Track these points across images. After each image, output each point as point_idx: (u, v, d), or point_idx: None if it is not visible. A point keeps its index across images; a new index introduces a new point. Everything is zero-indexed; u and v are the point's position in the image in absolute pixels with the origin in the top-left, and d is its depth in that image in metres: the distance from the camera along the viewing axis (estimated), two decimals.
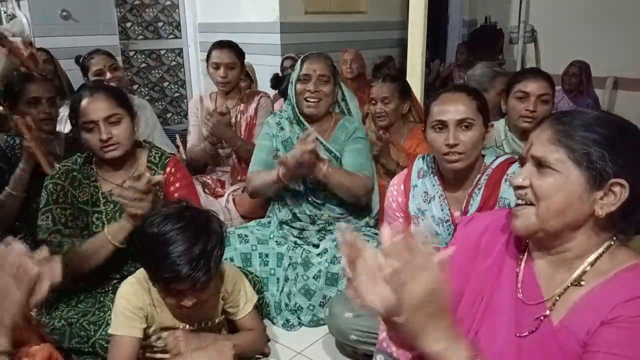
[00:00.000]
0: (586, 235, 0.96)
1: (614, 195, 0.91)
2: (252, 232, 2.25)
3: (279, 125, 2.28)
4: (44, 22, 4.12)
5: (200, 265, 1.33)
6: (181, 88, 5.60)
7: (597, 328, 0.89)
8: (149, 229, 1.37)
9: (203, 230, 1.38)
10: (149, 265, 1.40)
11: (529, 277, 1.03)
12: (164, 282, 1.37)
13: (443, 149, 1.58)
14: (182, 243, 1.33)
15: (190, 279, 1.32)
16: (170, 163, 1.89)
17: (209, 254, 1.36)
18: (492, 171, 1.64)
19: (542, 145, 0.96)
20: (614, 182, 0.91)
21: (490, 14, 6.14)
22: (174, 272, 1.31)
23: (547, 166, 0.95)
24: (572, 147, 0.93)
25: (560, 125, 0.96)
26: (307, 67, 2.17)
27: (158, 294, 1.48)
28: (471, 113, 1.58)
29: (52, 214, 1.71)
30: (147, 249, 1.38)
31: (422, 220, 1.71)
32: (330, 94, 2.20)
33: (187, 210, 1.42)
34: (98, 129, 1.70)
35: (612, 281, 0.93)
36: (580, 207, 0.93)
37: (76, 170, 1.79)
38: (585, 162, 0.92)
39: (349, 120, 2.27)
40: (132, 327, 1.47)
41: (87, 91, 1.75)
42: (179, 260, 1.31)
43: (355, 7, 5.22)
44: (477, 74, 2.86)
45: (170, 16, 5.35)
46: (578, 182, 0.92)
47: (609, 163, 0.91)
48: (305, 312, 2.10)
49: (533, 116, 2.10)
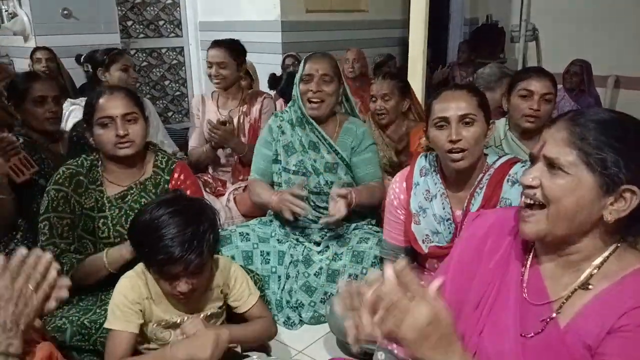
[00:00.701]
0: (594, 239, 0.95)
1: (624, 201, 0.90)
2: (254, 231, 2.26)
3: (280, 129, 2.26)
4: (45, 20, 4.13)
5: (193, 246, 1.35)
6: (182, 86, 5.60)
7: (605, 335, 0.88)
8: (142, 216, 1.41)
9: (195, 215, 1.41)
10: (143, 250, 1.42)
11: (535, 278, 1.02)
12: (157, 265, 1.39)
13: (446, 145, 1.57)
14: (174, 226, 1.35)
15: (183, 260, 1.34)
16: (177, 168, 1.89)
17: (201, 237, 1.38)
18: (494, 171, 1.63)
19: (556, 146, 0.94)
20: (626, 188, 0.89)
21: (492, 12, 6.14)
22: (167, 253, 1.34)
23: (559, 168, 0.93)
24: (586, 150, 0.91)
25: (576, 127, 0.93)
26: (309, 67, 2.17)
27: (155, 285, 1.49)
28: (472, 109, 1.58)
29: (50, 222, 1.72)
30: (140, 234, 1.41)
31: (423, 218, 1.71)
32: (334, 94, 2.18)
33: (180, 199, 1.46)
34: (115, 125, 1.72)
35: (619, 285, 0.92)
36: (590, 212, 0.92)
37: (82, 175, 1.78)
38: (599, 168, 0.90)
39: (355, 123, 2.26)
40: (128, 322, 1.47)
41: (106, 89, 1.79)
42: (171, 242, 1.34)
43: (356, 5, 5.21)
44: (486, 72, 2.86)
45: (171, 14, 5.35)
46: (590, 187, 0.91)
47: (622, 169, 0.89)
48: (307, 308, 2.10)
49: (537, 115, 2.09)
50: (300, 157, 2.21)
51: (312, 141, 2.21)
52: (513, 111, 2.17)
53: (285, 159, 2.23)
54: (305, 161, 2.20)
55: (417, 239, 1.72)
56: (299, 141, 2.21)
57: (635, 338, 0.85)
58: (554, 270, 1.01)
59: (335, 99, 2.20)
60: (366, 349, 1.76)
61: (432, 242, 1.70)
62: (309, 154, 2.21)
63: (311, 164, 2.20)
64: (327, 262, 2.13)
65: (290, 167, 2.22)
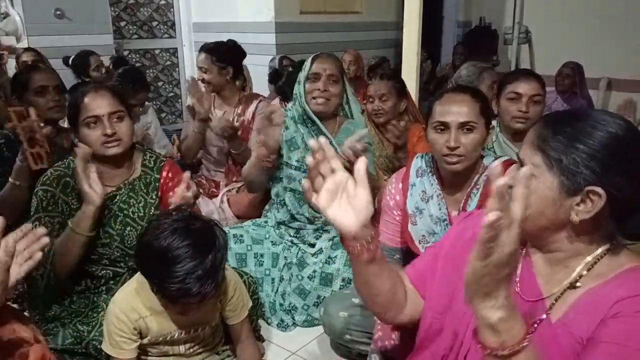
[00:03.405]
0: (568, 238, 0.96)
1: (590, 202, 0.90)
2: (248, 232, 2.25)
3: (284, 124, 2.27)
4: (37, 21, 4.10)
5: (209, 281, 1.32)
6: (176, 88, 5.58)
7: (598, 325, 0.88)
8: (155, 242, 1.33)
9: (210, 245, 1.35)
10: (154, 279, 1.36)
11: (527, 273, 1.03)
12: (170, 297, 1.35)
13: (443, 150, 1.57)
14: (190, 261, 1.30)
15: (200, 295, 1.31)
16: (166, 167, 1.87)
17: (217, 269, 1.35)
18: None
19: (526, 149, 0.97)
20: (590, 190, 0.89)
21: (485, 14, 6.16)
22: (183, 290, 1.30)
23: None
24: (547, 152, 0.93)
25: (542, 129, 0.95)
26: (317, 66, 2.16)
27: (153, 299, 1.46)
28: (474, 116, 1.56)
29: (41, 223, 1.69)
30: (153, 264, 1.34)
31: (420, 219, 1.71)
32: (339, 95, 2.19)
33: (193, 222, 1.37)
34: (102, 124, 1.69)
35: (611, 282, 0.92)
36: (556, 212, 0.93)
37: (68, 176, 1.75)
38: (557, 168, 0.91)
39: (353, 124, 2.27)
40: (125, 350, 1.46)
41: (90, 88, 1.74)
42: (188, 278, 1.29)
43: (350, 7, 5.22)
44: (463, 74, 2.88)
45: (164, 15, 5.33)
46: (551, 188, 0.92)
47: (581, 168, 0.89)
48: (300, 312, 2.10)
49: (526, 117, 2.10)
50: (302, 153, 2.21)
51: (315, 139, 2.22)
52: (503, 114, 2.19)
53: (287, 154, 2.23)
54: (307, 157, 2.20)
55: (413, 240, 1.72)
56: (301, 138, 2.22)
57: (630, 322, 0.85)
58: (546, 268, 1.01)
59: (339, 99, 2.21)
60: (360, 351, 1.77)
61: (428, 242, 1.70)
62: (310, 151, 2.21)
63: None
64: (321, 266, 2.13)
65: (292, 162, 2.22)
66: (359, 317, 1.72)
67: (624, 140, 0.90)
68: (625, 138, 0.90)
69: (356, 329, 1.73)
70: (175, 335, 1.51)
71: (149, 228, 1.38)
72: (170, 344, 1.54)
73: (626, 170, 0.89)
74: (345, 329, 1.74)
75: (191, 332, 1.55)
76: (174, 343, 1.55)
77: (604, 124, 0.91)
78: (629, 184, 0.89)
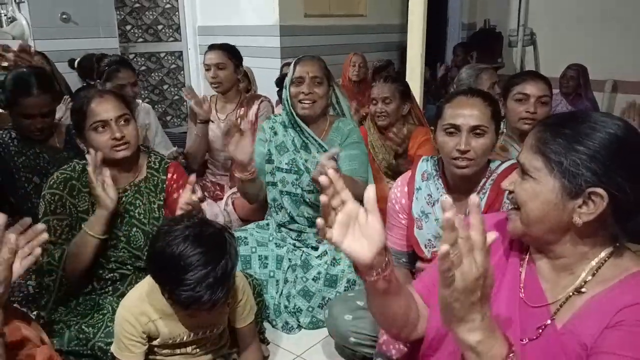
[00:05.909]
0: (571, 242, 0.96)
1: (592, 204, 0.90)
2: (252, 235, 2.25)
3: (272, 130, 2.27)
4: (43, 24, 4.12)
5: (220, 289, 1.32)
6: (181, 91, 5.59)
7: (602, 332, 0.88)
8: (167, 249, 1.32)
9: (222, 253, 1.35)
10: (165, 284, 1.36)
11: (532, 279, 1.03)
12: (181, 303, 1.35)
13: (453, 153, 1.55)
14: (202, 269, 1.30)
15: (210, 302, 1.32)
16: (171, 168, 1.89)
17: (228, 277, 1.35)
18: (497, 176, 1.62)
19: (526, 152, 0.97)
20: (592, 191, 0.89)
21: (490, 17, 6.15)
22: (193, 297, 1.30)
23: (527, 173, 0.96)
24: (547, 155, 0.93)
25: (542, 133, 0.96)
26: (300, 69, 2.17)
27: (162, 302, 1.46)
28: (485, 120, 1.55)
29: (49, 225, 1.70)
30: (165, 271, 1.34)
31: (425, 223, 1.71)
32: (324, 96, 2.20)
33: (204, 229, 1.37)
34: (110, 129, 1.70)
35: (616, 288, 0.92)
36: (559, 215, 0.93)
37: (75, 179, 1.77)
38: (558, 171, 0.91)
39: (344, 122, 2.27)
40: (134, 354, 1.47)
41: (94, 93, 1.76)
42: (199, 287, 1.29)
43: (354, 10, 5.23)
44: (462, 77, 2.88)
45: (170, 19, 5.35)
46: (553, 191, 0.92)
47: (582, 170, 0.89)
48: (305, 314, 2.10)
49: (534, 118, 2.10)
50: (292, 155, 2.21)
51: (304, 142, 2.22)
52: (510, 115, 2.18)
53: (277, 158, 2.24)
54: (297, 160, 2.21)
55: (419, 244, 1.71)
56: (290, 141, 2.22)
57: (632, 332, 0.85)
58: (550, 273, 1.01)
59: (326, 100, 2.21)
60: (365, 354, 1.76)
61: (434, 247, 1.69)
62: (301, 153, 2.22)
63: (302, 163, 2.20)
64: (326, 267, 2.13)
65: (282, 165, 2.23)
66: (363, 320, 1.71)
67: (623, 140, 0.90)
68: (624, 138, 0.90)
69: (361, 332, 1.72)
70: (184, 337, 1.52)
71: (160, 234, 1.37)
72: (178, 346, 1.54)
73: (627, 170, 0.89)
74: (349, 331, 1.74)
75: (200, 335, 1.55)
76: (182, 345, 1.55)
77: (603, 125, 0.91)
78: (630, 184, 0.89)
